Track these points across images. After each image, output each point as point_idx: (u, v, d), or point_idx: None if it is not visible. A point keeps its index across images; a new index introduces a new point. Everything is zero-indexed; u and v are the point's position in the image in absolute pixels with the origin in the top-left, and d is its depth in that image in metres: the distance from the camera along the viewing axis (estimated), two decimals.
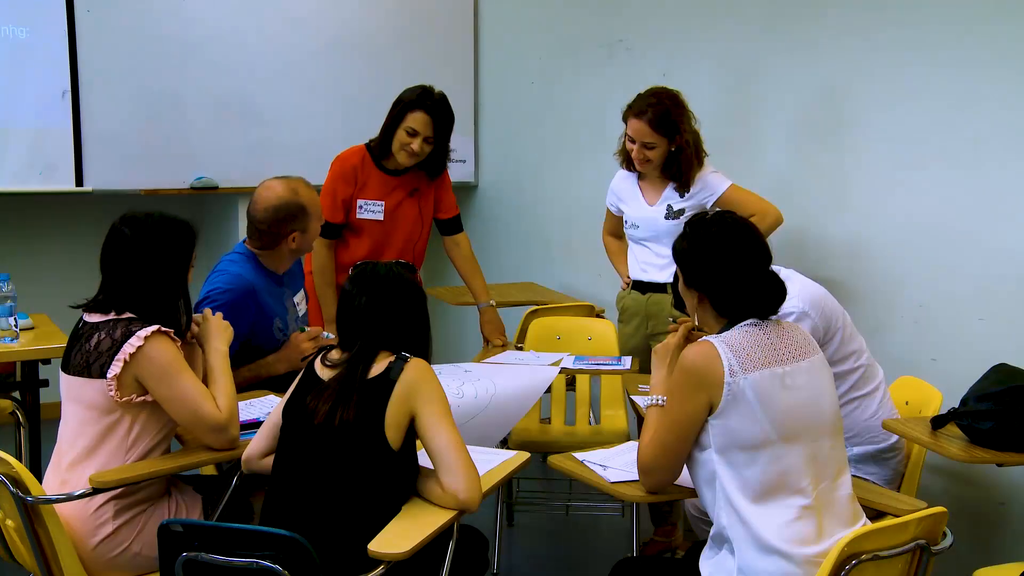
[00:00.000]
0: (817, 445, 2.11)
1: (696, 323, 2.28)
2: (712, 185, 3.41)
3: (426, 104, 3.47)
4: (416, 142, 3.48)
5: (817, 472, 2.10)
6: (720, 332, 2.19)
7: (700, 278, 2.22)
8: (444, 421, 2.18)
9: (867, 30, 3.46)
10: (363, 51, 5.05)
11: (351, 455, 2.15)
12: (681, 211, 3.42)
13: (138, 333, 2.34)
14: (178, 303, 2.49)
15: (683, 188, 3.43)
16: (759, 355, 2.11)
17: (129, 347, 2.32)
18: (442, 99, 3.52)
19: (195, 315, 2.62)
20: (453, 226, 3.81)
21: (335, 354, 2.28)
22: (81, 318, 2.47)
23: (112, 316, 2.40)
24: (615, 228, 3.74)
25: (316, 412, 2.18)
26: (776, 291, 2.19)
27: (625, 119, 3.39)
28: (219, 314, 2.65)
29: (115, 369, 2.32)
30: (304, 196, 3.00)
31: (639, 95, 3.39)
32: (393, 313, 2.26)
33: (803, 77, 3.72)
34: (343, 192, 3.56)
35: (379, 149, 3.58)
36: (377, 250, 3.58)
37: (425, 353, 2.32)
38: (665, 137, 3.33)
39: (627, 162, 3.53)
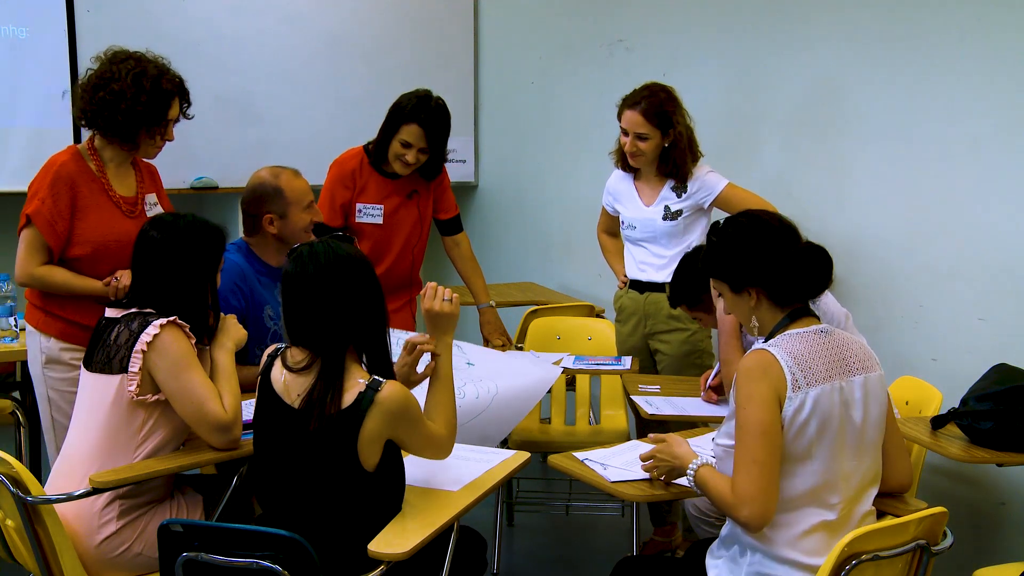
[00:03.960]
0: (854, 464, 2.07)
1: (755, 323, 2.17)
2: (709, 184, 3.41)
3: (419, 117, 3.41)
4: (410, 154, 3.46)
5: (848, 489, 2.07)
6: (773, 332, 2.12)
7: (750, 272, 2.12)
8: (418, 433, 2.18)
9: (867, 28, 3.46)
10: (363, 51, 5.05)
11: (330, 478, 2.12)
12: (679, 212, 3.41)
13: (154, 323, 2.36)
14: (206, 306, 2.51)
15: (680, 185, 3.42)
16: (822, 367, 2.04)
17: (146, 336, 2.35)
18: (438, 108, 3.46)
19: None
20: (453, 226, 3.81)
21: (297, 354, 2.17)
22: (103, 315, 2.49)
23: (132, 311, 2.43)
24: (610, 226, 3.74)
25: (285, 441, 2.14)
26: (823, 260, 2.11)
27: (620, 113, 3.40)
28: (232, 316, 2.67)
29: (136, 364, 2.34)
30: (283, 181, 3.04)
31: (634, 89, 3.42)
32: (339, 290, 2.12)
33: (803, 76, 3.72)
34: (341, 196, 3.56)
35: (376, 154, 3.57)
36: (376, 253, 3.58)
37: (382, 334, 2.20)
38: (658, 129, 3.34)
39: (622, 161, 3.53)
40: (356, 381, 2.10)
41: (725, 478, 2.07)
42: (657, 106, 3.33)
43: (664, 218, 3.43)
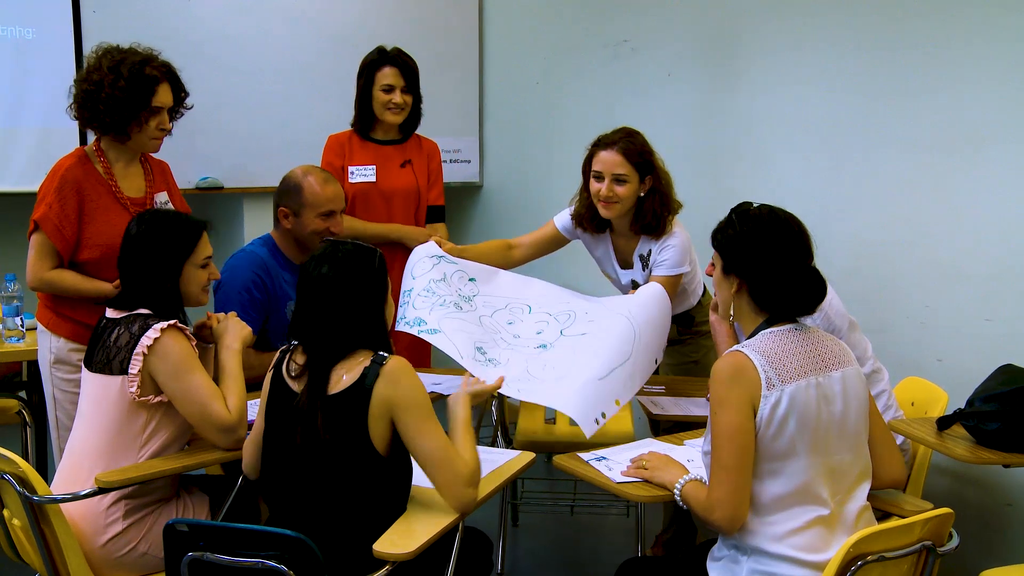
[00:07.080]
0: (839, 458, 2.09)
1: (732, 314, 2.22)
2: (663, 261, 3.02)
3: (388, 59, 3.58)
4: (396, 95, 3.57)
5: (836, 484, 2.08)
6: (754, 332, 2.16)
7: (742, 266, 2.16)
8: (423, 427, 2.12)
9: (869, 30, 3.45)
10: (368, 51, 5.05)
11: (342, 465, 2.13)
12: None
13: (154, 326, 2.36)
14: (167, 290, 2.45)
15: (646, 256, 3.06)
16: (795, 364, 2.07)
17: (146, 339, 2.35)
18: (399, 51, 3.63)
19: (214, 315, 2.66)
20: (435, 215, 3.80)
21: (299, 357, 2.20)
22: (103, 315, 2.49)
23: (133, 312, 2.43)
24: (539, 239, 3.31)
25: (296, 432, 2.15)
26: (817, 288, 2.13)
27: (591, 156, 3.03)
28: (233, 313, 2.67)
29: (136, 366, 2.34)
30: (308, 181, 3.07)
31: (606, 132, 3.07)
32: (349, 289, 2.16)
33: (806, 77, 3.71)
34: (335, 165, 3.63)
35: (360, 122, 3.65)
36: (377, 216, 3.61)
37: (383, 333, 2.22)
38: (638, 172, 2.97)
39: (588, 216, 3.12)
40: (361, 360, 2.14)
41: (705, 488, 2.11)
42: (637, 147, 2.97)
43: (645, 268, 3.13)
